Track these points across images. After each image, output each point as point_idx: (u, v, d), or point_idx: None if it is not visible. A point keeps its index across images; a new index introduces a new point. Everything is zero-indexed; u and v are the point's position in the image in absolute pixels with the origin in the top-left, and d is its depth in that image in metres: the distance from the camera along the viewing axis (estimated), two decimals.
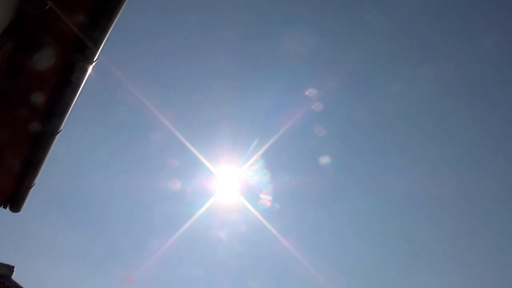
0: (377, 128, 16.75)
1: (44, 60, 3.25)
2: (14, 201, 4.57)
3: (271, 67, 14.73)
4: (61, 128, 3.74)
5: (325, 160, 15.60)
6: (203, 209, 13.86)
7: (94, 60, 3.24)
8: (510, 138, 16.61)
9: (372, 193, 17.68)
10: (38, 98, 3.54)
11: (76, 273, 16.98)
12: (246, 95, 15.39)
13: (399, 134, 17.33)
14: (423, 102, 16.45)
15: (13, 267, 7.02)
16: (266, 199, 14.88)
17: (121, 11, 2.92)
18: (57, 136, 3.83)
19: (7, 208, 4.68)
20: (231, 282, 18.07)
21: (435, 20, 14.55)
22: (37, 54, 3.25)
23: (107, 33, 3.04)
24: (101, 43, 3.11)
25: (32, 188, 4.40)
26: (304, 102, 13.82)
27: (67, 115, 3.64)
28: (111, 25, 2.99)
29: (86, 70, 3.29)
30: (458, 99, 16.63)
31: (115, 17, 2.94)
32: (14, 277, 6.82)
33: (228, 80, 14.11)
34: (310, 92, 13.82)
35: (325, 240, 18.78)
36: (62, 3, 2.93)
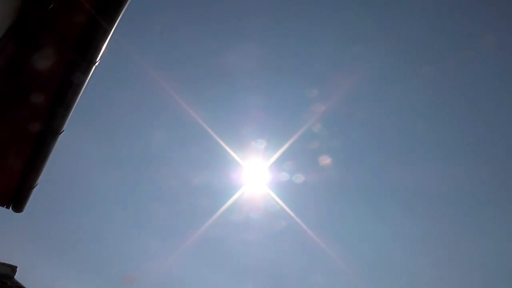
0: (383, 128, 16.84)
1: (47, 60, 3.25)
2: (17, 201, 4.57)
3: (296, 66, 14.95)
4: (63, 128, 3.74)
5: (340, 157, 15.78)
6: (231, 201, 14.00)
7: (97, 60, 3.23)
8: (510, 137, 16.60)
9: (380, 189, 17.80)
10: (41, 98, 3.54)
11: (79, 273, 16.99)
12: (274, 90, 15.61)
13: (403, 134, 17.37)
14: (424, 102, 16.46)
15: (16, 267, 7.02)
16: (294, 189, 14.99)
17: (124, 10, 2.91)
18: (60, 136, 3.82)
19: (10, 208, 4.68)
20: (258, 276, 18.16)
21: (435, 21, 14.54)
22: (40, 54, 3.25)
23: (110, 33, 3.03)
24: (104, 43, 3.11)
25: (35, 188, 4.40)
26: (323, 102, 14.06)
27: (70, 115, 3.64)
28: (114, 24, 2.98)
29: (89, 70, 3.29)
30: (458, 99, 16.61)
31: (118, 17, 2.94)
32: (17, 277, 6.83)
33: (258, 74, 14.34)
34: (325, 93, 14.08)
35: (350, 233, 18.95)
36: (64, 3, 2.93)
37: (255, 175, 14.39)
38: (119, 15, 2.94)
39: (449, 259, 18.38)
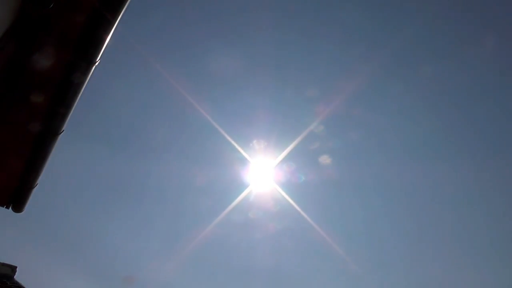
0: (386, 127, 16.90)
1: (47, 60, 3.25)
2: (17, 201, 4.56)
3: (301, 67, 15.08)
4: (63, 128, 3.74)
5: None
6: (238, 200, 14.03)
7: (97, 60, 3.23)
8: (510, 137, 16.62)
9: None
10: (41, 99, 3.54)
11: (79, 273, 16.98)
12: (283, 88, 15.72)
13: (406, 133, 17.44)
14: (425, 101, 16.48)
15: (16, 267, 7.03)
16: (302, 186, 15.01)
17: (124, 10, 2.91)
18: (60, 136, 3.82)
19: (10, 208, 4.67)
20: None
21: (435, 21, 14.55)
22: (40, 54, 3.24)
23: (109, 33, 3.03)
24: (104, 43, 3.11)
25: (35, 188, 4.39)
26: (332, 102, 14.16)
27: (70, 115, 3.64)
28: (113, 25, 2.98)
29: (89, 70, 3.29)
30: (458, 98, 16.61)
31: (118, 17, 2.94)
32: (17, 277, 6.84)
33: (267, 72, 14.46)
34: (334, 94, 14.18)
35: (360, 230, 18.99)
36: (64, 3, 2.93)
37: (263, 173, 14.47)
38: (119, 13, 2.93)
39: (450, 257, 18.41)
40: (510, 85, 15.70)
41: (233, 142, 13.36)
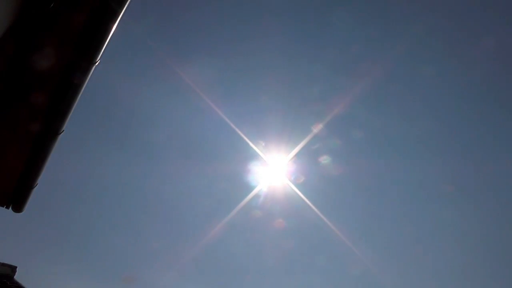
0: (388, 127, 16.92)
1: (47, 60, 3.25)
2: (17, 201, 4.56)
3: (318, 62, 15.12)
4: (63, 128, 3.74)
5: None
6: (251, 195, 14.00)
7: (97, 60, 3.23)
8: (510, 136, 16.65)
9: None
10: (41, 99, 3.54)
11: (79, 273, 16.98)
12: (295, 84, 15.78)
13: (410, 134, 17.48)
14: (425, 101, 16.49)
15: (16, 267, 7.03)
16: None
17: (124, 10, 2.91)
18: (60, 136, 3.82)
19: (10, 208, 4.68)
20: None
21: (435, 21, 14.56)
22: (40, 54, 3.24)
23: (110, 33, 3.03)
24: (104, 43, 3.11)
25: (35, 188, 4.39)
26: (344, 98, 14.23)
27: (70, 115, 3.64)
28: (113, 24, 2.98)
29: (88, 70, 3.29)
30: (459, 99, 16.63)
31: (118, 17, 2.93)
32: (17, 277, 6.84)
33: (280, 69, 14.51)
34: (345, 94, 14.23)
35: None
36: (65, 3, 2.92)
37: (275, 170, 14.47)
38: (119, 13, 2.92)
39: (450, 257, 18.43)
40: (510, 85, 15.72)
41: (245, 138, 13.37)
